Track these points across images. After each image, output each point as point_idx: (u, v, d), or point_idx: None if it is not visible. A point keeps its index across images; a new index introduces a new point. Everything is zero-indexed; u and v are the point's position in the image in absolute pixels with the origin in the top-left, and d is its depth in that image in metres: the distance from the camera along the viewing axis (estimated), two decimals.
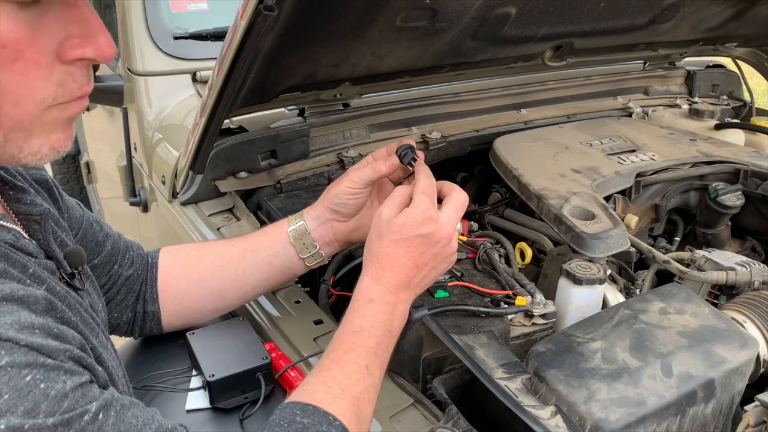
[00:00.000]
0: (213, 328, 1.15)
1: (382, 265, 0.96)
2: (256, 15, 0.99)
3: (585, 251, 1.26)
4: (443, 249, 0.98)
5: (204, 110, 1.24)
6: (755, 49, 2.26)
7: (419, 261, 0.96)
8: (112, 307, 1.12)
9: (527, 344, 1.10)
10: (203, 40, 1.88)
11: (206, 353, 1.09)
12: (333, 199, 1.11)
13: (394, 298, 0.95)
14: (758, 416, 0.95)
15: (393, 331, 0.94)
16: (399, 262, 0.96)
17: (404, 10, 1.26)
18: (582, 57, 1.90)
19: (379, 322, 0.92)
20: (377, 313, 0.93)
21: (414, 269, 0.96)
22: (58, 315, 0.70)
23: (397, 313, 0.95)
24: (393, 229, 0.96)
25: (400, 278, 0.96)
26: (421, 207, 0.97)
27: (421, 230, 0.96)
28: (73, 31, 0.68)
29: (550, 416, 0.89)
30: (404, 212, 0.97)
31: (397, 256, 0.96)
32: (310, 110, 1.68)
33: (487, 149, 1.71)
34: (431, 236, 0.96)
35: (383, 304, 0.94)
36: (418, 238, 0.96)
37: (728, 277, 1.29)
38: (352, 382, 0.85)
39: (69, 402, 0.62)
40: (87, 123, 3.22)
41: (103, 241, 1.10)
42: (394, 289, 0.95)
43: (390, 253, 0.96)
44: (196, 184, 1.52)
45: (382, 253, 0.96)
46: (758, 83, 3.26)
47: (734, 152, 1.69)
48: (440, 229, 0.97)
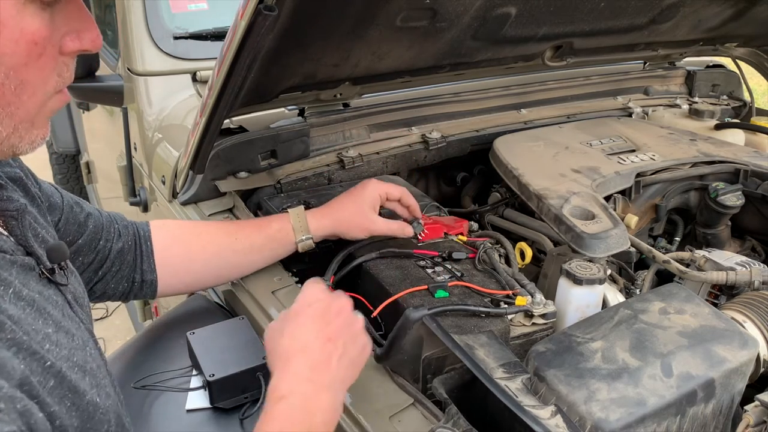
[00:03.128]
0: (213, 328, 1.15)
1: (290, 352, 0.86)
2: (256, 15, 0.99)
3: (585, 251, 1.26)
4: (347, 321, 0.91)
5: (204, 110, 1.24)
6: (755, 49, 2.26)
7: (329, 333, 0.88)
8: (108, 279, 1.16)
9: (527, 344, 1.10)
10: (203, 40, 1.88)
11: (206, 353, 1.09)
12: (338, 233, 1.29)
13: (311, 386, 0.82)
14: (758, 416, 0.94)
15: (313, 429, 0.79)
16: (308, 339, 0.86)
17: (404, 10, 1.26)
18: (582, 57, 1.90)
19: (291, 423, 0.78)
20: (288, 413, 0.79)
21: (327, 343, 0.86)
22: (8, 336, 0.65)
23: (318, 408, 0.81)
24: (289, 317, 0.90)
25: (313, 359, 0.85)
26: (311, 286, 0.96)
27: (319, 301, 0.91)
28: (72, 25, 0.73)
29: (550, 416, 0.89)
30: (298, 297, 0.94)
31: (304, 335, 0.87)
32: (310, 110, 1.68)
33: (487, 149, 1.71)
34: (330, 305, 0.91)
35: (297, 399, 0.80)
36: (318, 308, 0.90)
37: (728, 277, 1.29)
38: None
39: None
40: (87, 123, 3.22)
41: (85, 221, 1.12)
42: (310, 375, 0.83)
43: (295, 336, 0.87)
44: (196, 184, 1.52)
45: (286, 343, 0.87)
46: (758, 83, 3.26)
47: (734, 152, 1.69)
48: (337, 299, 0.93)
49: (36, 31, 0.68)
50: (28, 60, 0.68)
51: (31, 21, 0.67)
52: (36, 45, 0.68)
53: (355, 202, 1.29)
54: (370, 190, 1.30)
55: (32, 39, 0.68)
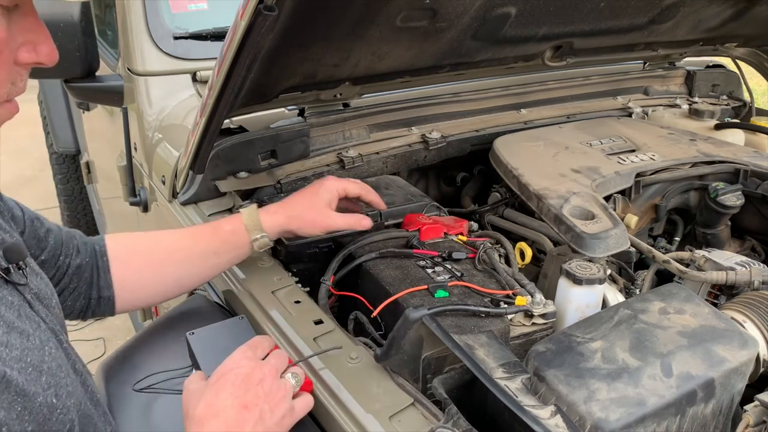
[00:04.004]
0: (213, 328, 1.15)
1: (205, 416, 0.86)
2: (256, 15, 0.99)
3: (585, 251, 1.26)
4: (272, 388, 0.91)
5: (204, 110, 1.24)
6: (755, 49, 2.26)
7: (246, 401, 0.87)
8: (66, 296, 1.13)
9: (527, 344, 1.10)
10: (203, 40, 1.88)
11: (206, 353, 1.09)
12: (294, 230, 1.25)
13: None
14: (758, 416, 0.95)
15: None
16: (223, 407, 0.87)
17: (404, 10, 1.26)
18: (582, 57, 1.90)
19: None
20: None
21: (243, 411, 0.87)
22: None
23: None
24: (211, 382, 0.91)
25: (228, 424, 0.85)
26: (239, 352, 0.95)
27: (240, 369, 0.91)
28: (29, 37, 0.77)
29: (550, 416, 0.89)
30: (223, 362, 0.94)
31: (220, 401, 0.87)
32: (310, 110, 1.68)
33: (487, 149, 1.71)
34: (252, 373, 0.91)
35: None
36: (238, 376, 0.90)
37: (728, 277, 1.29)
38: None
39: None
40: (87, 123, 3.22)
41: (45, 236, 1.11)
42: None
43: (212, 402, 0.87)
44: (196, 184, 1.52)
45: (202, 409, 0.87)
46: (758, 83, 3.26)
47: (734, 152, 1.69)
48: (261, 367, 0.92)
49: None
50: None
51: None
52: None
53: (310, 198, 1.26)
54: (327, 186, 1.27)
55: None
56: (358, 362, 1.04)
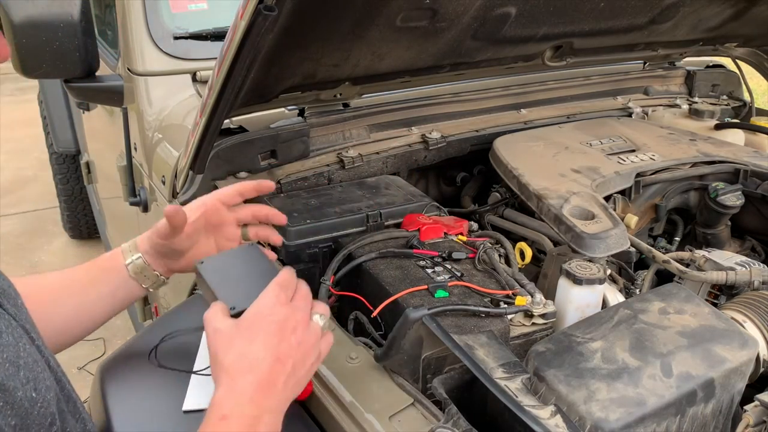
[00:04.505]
0: (222, 256, 1.06)
1: (237, 369, 0.83)
2: (256, 15, 0.99)
3: (585, 251, 1.26)
4: (303, 336, 0.88)
5: (204, 110, 1.24)
6: (755, 49, 2.26)
7: (280, 353, 0.84)
8: None
9: (527, 344, 1.10)
10: (203, 40, 1.88)
11: (222, 283, 0.98)
12: (158, 248, 1.09)
13: (255, 409, 0.81)
14: (758, 416, 0.95)
15: None
16: (256, 359, 0.83)
17: (404, 10, 1.26)
18: (582, 57, 1.90)
19: None
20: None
21: (276, 364, 0.84)
22: None
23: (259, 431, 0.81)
24: (242, 327, 0.86)
25: (260, 379, 0.82)
26: (269, 294, 0.89)
27: (274, 315, 0.86)
28: None
29: (549, 416, 0.89)
30: (252, 305, 0.88)
31: (254, 353, 0.84)
32: (310, 110, 1.68)
33: (487, 149, 1.71)
34: (286, 321, 0.87)
35: (239, 421, 0.80)
36: (273, 324, 0.85)
37: (728, 277, 1.29)
38: None
39: None
40: (87, 123, 3.22)
41: None
42: (254, 396, 0.82)
43: (245, 352, 0.84)
44: (196, 184, 1.52)
45: (234, 359, 0.84)
46: (758, 83, 3.26)
47: (734, 152, 1.69)
48: (294, 313, 0.88)
49: None
50: None
51: None
52: None
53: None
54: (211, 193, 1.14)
55: None
56: (358, 362, 1.04)
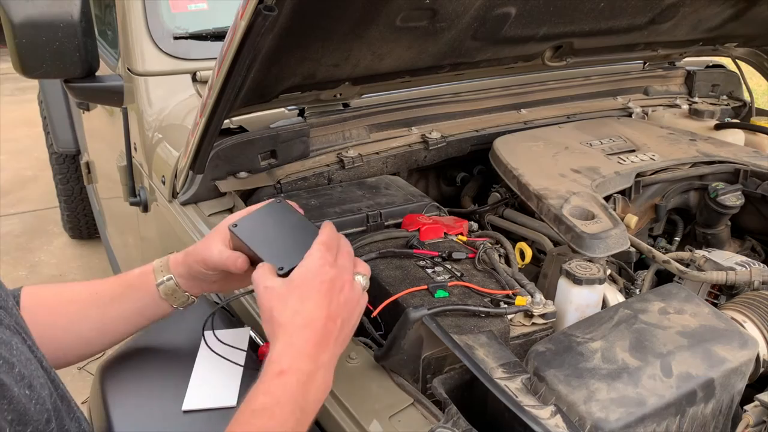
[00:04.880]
0: (254, 215, 1.03)
1: (294, 326, 0.86)
2: (256, 15, 0.99)
3: (585, 251, 1.26)
4: (349, 295, 0.91)
5: (204, 110, 1.24)
6: (755, 49, 2.26)
7: (331, 311, 0.88)
8: None
9: (527, 344, 1.10)
10: (203, 40, 1.87)
11: (263, 245, 0.97)
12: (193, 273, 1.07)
13: (312, 365, 0.84)
14: (758, 416, 0.95)
15: (307, 408, 0.83)
16: (311, 316, 0.86)
17: (404, 10, 1.26)
18: (582, 57, 1.90)
19: (287, 399, 0.81)
20: (285, 388, 0.82)
21: (329, 322, 0.87)
22: None
23: (314, 386, 0.84)
24: (294, 285, 0.89)
25: (316, 336, 0.86)
26: (317, 254, 0.91)
27: (324, 276, 0.89)
28: None
29: (549, 416, 0.89)
30: (301, 265, 0.91)
31: (308, 311, 0.87)
32: (310, 110, 1.68)
33: (487, 149, 1.71)
34: (335, 281, 0.89)
35: (296, 376, 0.83)
36: (324, 284, 0.88)
37: (728, 277, 1.29)
38: None
39: None
40: (87, 123, 3.22)
41: None
42: (312, 352, 0.85)
43: (299, 310, 0.87)
44: (196, 184, 1.52)
45: (290, 316, 0.86)
46: (758, 83, 3.26)
47: (734, 152, 1.69)
48: (341, 274, 0.91)
49: None
50: None
51: None
52: None
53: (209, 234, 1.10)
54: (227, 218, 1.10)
55: None
56: (357, 362, 1.04)
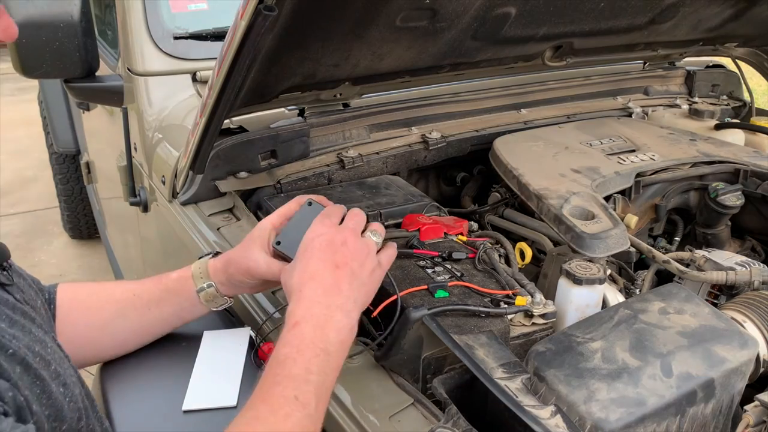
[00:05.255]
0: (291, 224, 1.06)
1: (301, 282, 0.92)
2: (256, 15, 0.99)
3: (585, 251, 1.26)
4: (356, 245, 0.95)
5: (204, 110, 1.24)
6: (755, 49, 2.26)
7: (336, 261, 0.93)
8: None
9: (527, 344, 1.10)
10: (203, 40, 1.88)
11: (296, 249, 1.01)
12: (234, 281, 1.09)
13: (325, 309, 0.89)
14: (758, 416, 0.95)
15: (330, 348, 0.86)
16: (316, 269, 0.92)
17: (404, 10, 1.26)
18: (582, 57, 1.90)
19: (305, 345, 0.85)
20: (303, 336, 0.86)
21: (336, 270, 0.92)
22: None
23: (332, 328, 0.88)
24: (299, 253, 0.96)
25: (324, 284, 0.91)
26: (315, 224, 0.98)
27: (322, 236, 0.95)
28: None
29: (549, 416, 0.89)
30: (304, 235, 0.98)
31: (312, 266, 0.92)
32: (310, 110, 1.68)
33: (487, 149, 1.71)
34: (334, 237, 0.95)
35: (310, 323, 0.87)
36: (323, 242, 0.94)
37: (728, 277, 1.29)
38: (279, 418, 0.78)
39: None
40: (87, 123, 3.22)
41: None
42: (322, 298, 0.89)
43: (305, 268, 0.93)
44: (196, 184, 1.52)
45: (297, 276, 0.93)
46: (758, 83, 3.26)
47: (734, 152, 1.69)
48: (341, 230, 0.96)
49: None
50: None
51: None
52: None
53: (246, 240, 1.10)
54: (259, 225, 1.10)
55: None
56: (357, 362, 1.04)
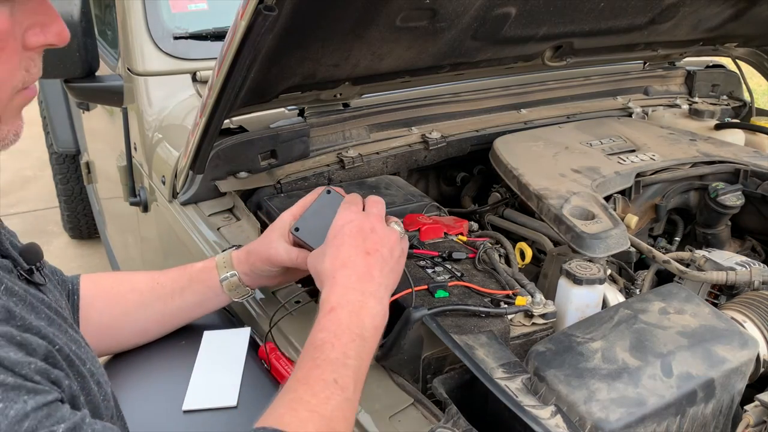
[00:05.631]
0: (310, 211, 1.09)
1: (334, 268, 0.94)
2: (256, 15, 0.99)
3: (585, 251, 1.26)
4: (383, 232, 0.98)
5: (204, 110, 1.24)
6: (755, 49, 2.26)
7: (368, 247, 0.95)
8: None
9: (527, 344, 1.10)
10: (203, 40, 1.88)
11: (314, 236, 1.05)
12: (256, 270, 1.13)
13: (360, 296, 0.91)
14: (758, 416, 0.95)
15: (365, 334, 0.89)
16: (348, 256, 0.94)
17: (404, 10, 1.26)
18: (582, 57, 1.90)
19: (342, 330, 0.88)
20: (339, 321, 0.88)
21: (367, 257, 0.95)
22: (18, 323, 0.68)
23: (367, 314, 0.90)
24: (329, 239, 0.98)
25: (357, 271, 0.93)
26: (341, 210, 1.01)
27: (351, 223, 0.97)
28: (36, 19, 0.73)
29: (550, 416, 0.89)
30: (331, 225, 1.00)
31: (344, 253, 0.95)
32: (310, 110, 1.68)
33: (487, 149, 1.71)
34: (363, 223, 0.97)
35: (346, 309, 0.90)
36: (353, 228, 0.97)
37: (728, 277, 1.29)
38: (320, 401, 0.80)
39: (30, 423, 0.60)
40: (87, 123, 3.22)
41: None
42: (356, 285, 0.92)
43: (337, 255, 0.95)
44: (196, 184, 1.52)
45: (330, 262, 0.95)
46: (758, 83, 3.26)
47: (734, 152, 1.69)
48: (368, 217, 0.99)
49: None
50: None
51: None
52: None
53: (267, 232, 1.14)
54: (280, 217, 1.13)
55: None
56: None
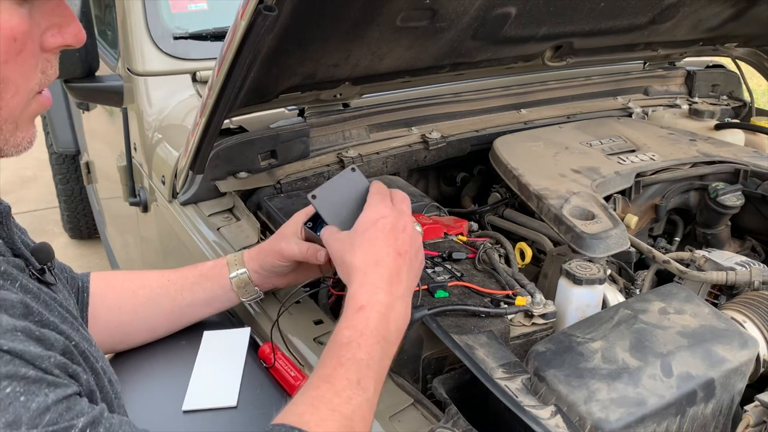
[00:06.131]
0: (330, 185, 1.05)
1: (366, 265, 0.92)
2: (256, 15, 0.99)
3: (585, 251, 1.26)
4: (412, 235, 0.97)
5: (204, 110, 1.24)
6: (755, 49, 2.26)
7: (399, 247, 0.93)
8: None
9: (527, 344, 1.10)
10: (203, 40, 1.87)
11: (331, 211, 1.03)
12: (267, 266, 1.13)
13: (389, 297, 0.90)
14: (758, 416, 0.95)
15: (390, 336, 0.89)
16: (381, 254, 0.92)
17: (404, 10, 1.26)
18: (582, 57, 1.90)
19: (370, 331, 0.87)
20: (368, 321, 0.87)
21: (398, 258, 0.93)
22: (36, 318, 0.69)
23: (393, 316, 0.90)
24: (360, 230, 0.95)
25: (388, 271, 0.91)
26: (373, 203, 0.98)
27: (385, 219, 0.95)
28: (52, 20, 0.73)
29: (550, 416, 0.89)
30: (362, 214, 0.97)
31: (377, 250, 0.92)
32: (310, 110, 1.68)
33: (487, 149, 1.71)
34: (397, 221, 0.96)
35: (375, 309, 0.88)
36: (387, 225, 0.94)
37: (728, 277, 1.29)
38: (342, 400, 0.79)
39: (51, 415, 0.60)
40: (87, 123, 3.22)
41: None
42: (387, 286, 0.90)
43: (369, 250, 0.93)
44: (196, 184, 1.52)
45: (361, 257, 0.93)
46: (758, 83, 3.26)
47: (734, 152, 1.69)
48: (400, 216, 0.97)
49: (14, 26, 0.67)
50: (8, 57, 0.67)
51: (8, 17, 0.67)
52: (15, 41, 0.67)
53: (279, 229, 1.16)
54: (294, 215, 1.15)
55: (10, 35, 0.67)
56: None
